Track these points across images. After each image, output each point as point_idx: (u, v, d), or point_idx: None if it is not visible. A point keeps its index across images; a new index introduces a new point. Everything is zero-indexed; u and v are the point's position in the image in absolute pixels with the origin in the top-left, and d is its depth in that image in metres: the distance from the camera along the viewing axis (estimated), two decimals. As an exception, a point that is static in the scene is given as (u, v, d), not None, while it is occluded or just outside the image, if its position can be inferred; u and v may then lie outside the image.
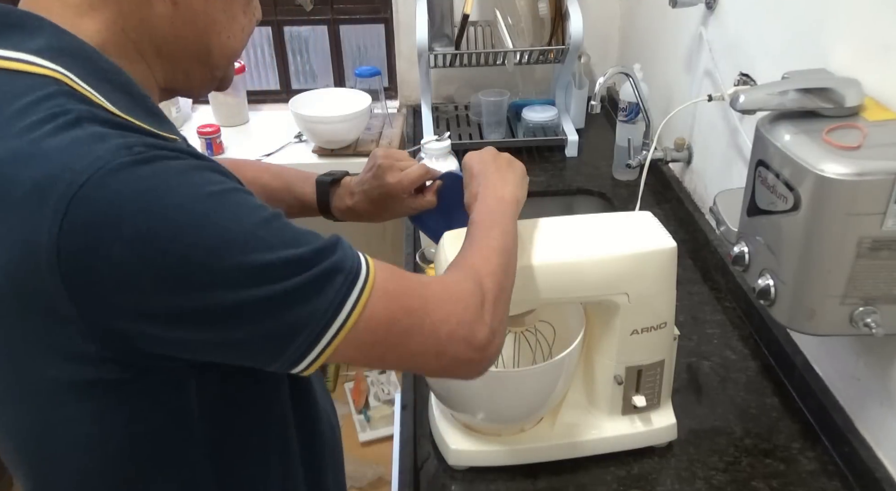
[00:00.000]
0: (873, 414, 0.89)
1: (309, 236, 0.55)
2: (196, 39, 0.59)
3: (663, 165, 1.57)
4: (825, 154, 0.71)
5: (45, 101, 0.49)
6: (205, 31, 0.60)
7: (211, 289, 0.49)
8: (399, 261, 2.10)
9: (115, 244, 0.46)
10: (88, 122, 0.49)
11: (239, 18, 0.62)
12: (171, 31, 0.58)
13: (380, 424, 2.24)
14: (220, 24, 0.60)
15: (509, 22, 1.73)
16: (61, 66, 0.51)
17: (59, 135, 0.48)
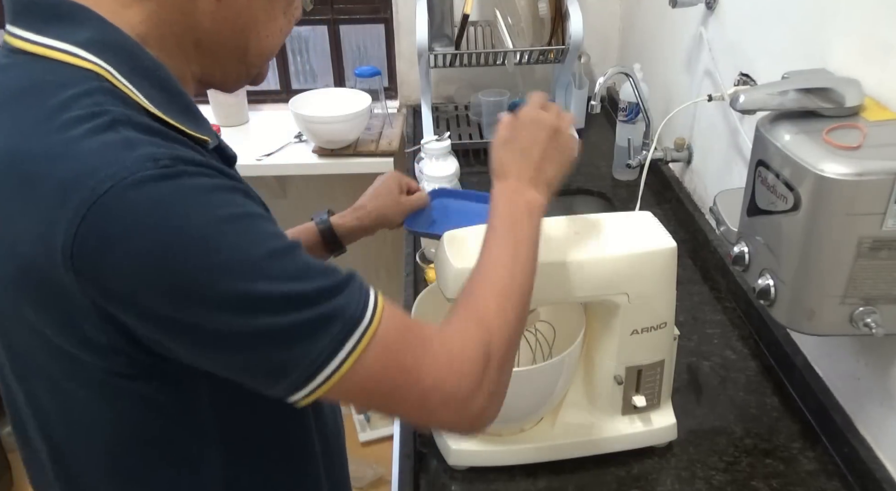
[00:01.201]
0: (873, 414, 0.89)
1: (319, 273, 0.54)
2: (235, 36, 0.61)
3: (663, 165, 1.57)
4: (825, 154, 0.71)
5: (85, 97, 0.51)
6: (244, 28, 0.61)
7: (207, 310, 0.50)
8: (399, 261, 2.10)
9: (124, 255, 0.48)
10: (123, 126, 0.50)
11: (278, 19, 0.63)
12: (211, 27, 0.59)
13: (380, 424, 2.24)
14: (260, 23, 0.61)
15: (509, 22, 1.73)
16: (104, 61, 0.53)
17: (92, 137, 0.49)
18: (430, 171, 1.39)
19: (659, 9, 1.62)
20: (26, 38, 0.54)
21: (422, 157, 1.43)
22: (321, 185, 2.14)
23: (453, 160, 1.42)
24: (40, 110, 0.51)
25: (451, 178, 1.41)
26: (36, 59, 0.53)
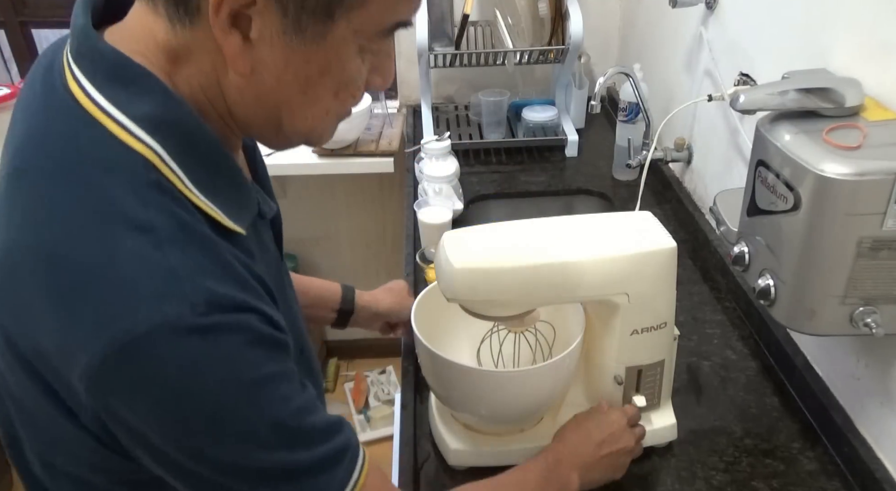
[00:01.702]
0: (873, 414, 0.89)
1: (319, 440, 0.57)
2: (265, 112, 0.57)
3: (663, 165, 1.57)
4: (825, 154, 0.71)
5: (132, 195, 0.50)
6: (275, 108, 0.57)
7: (210, 467, 0.53)
8: (399, 261, 2.10)
9: (142, 399, 0.50)
10: (168, 245, 0.49)
11: (324, 101, 0.57)
12: (240, 100, 0.56)
13: (380, 424, 2.24)
14: (295, 104, 0.57)
15: (509, 22, 1.73)
16: (157, 141, 0.52)
17: (137, 258, 0.48)
18: (430, 171, 1.39)
19: (659, 9, 1.62)
20: (84, 90, 0.52)
21: (422, 157, 1.43)
22: (321, 185, 2.14)
23: (453, 160, 1.42)
24: (86, 200, 0.49)
25: (451, 178, 1.41)
26: (87, 118, 0.52)
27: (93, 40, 0.53)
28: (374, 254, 2.32)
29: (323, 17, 0.51)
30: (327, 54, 0.53)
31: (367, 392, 2.36)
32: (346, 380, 2.45)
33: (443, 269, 0.81)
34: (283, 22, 0.51)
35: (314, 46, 0.52)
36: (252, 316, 0.52)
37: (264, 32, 0.51)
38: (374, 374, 2.44)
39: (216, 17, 0.49)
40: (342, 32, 0.53)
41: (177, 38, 0.53)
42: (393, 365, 2.45)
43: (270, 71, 0.53)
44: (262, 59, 0.52)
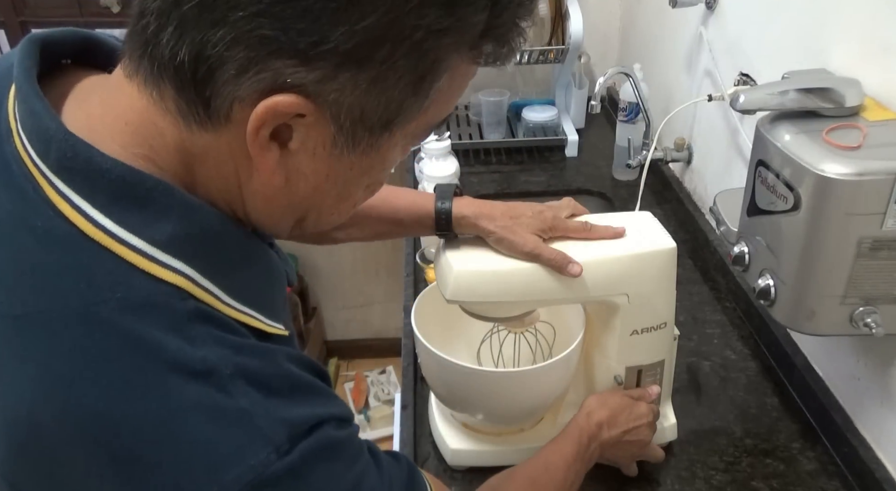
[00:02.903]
0: (873, 414, 0.89)
1: None
2: (291, 217, 0.51)
3: (663, 165, 1.57)
4: (825, 154, 0.71)
5: (175, 334, 0.42)
6: (304, 211, 0.51)
7: None
8: (399, 261, 2.10)
9: None
10: (234, 384, 0.43)
11: (354, 197, 0.52)
12: (264, 209, 0.49)
13: (380, 424, 2.24)
14: (325, 207, 0.51)
15: (509, 22, 1.73)
16: (186, 263, 0.44)
17: (207, 406, 0.42)
18: (430, 171, 1.39)
19: (659, 9, 1.61)
20: (82, 212, 0.42)
21: (422, 157, 1.43)
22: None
23: (453, 160, 1.42)
24: (124, 350, 0.41)
25: (451, 178, 1.41)
26: (94, 249, 0.42)
27: (83, 151, 0.43)
28: (374, 254, 2.32)
29: (380, 131, 0.46)
30: (373, 160, 0.48)
31: (367, 392, 2.36)
32: (346, 380, 2.45)
33: (442, 271, 0.81)
34: (335, 136, 0.45)
35: (362, 157, 0.47)
36: (329, 427, 0.47)
37: (307, 143, 0.45)
38: (374, 374, 2.44)
39: (255, 135, 0.43)
40: (395, 140, 0.48)
41: (193, 139, 0.45)
42: (393, 365, 2.45)
43: (308, 181, 0.47)
44: (299, 169, 0.46)
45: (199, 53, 0.41)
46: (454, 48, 0.44)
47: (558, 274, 0.80)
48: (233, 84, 0.41)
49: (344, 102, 0.43)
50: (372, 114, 0.44)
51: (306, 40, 0.40)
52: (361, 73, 0.42)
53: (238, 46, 0.40)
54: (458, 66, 0.46)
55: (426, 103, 0.46)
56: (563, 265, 0.79)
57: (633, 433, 0.85)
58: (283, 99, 0.41)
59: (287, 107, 0.42)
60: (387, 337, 2.49)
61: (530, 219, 0.81)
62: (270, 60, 0.40)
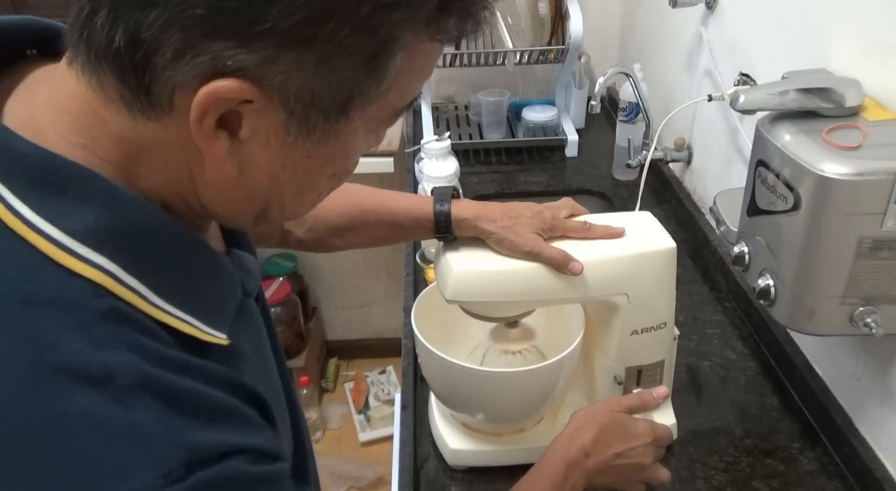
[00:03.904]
0: (873, 414, 0.89)
1: None
2: (251, 209, 0.49)
3: (663, 165, 1.57)
4: (825, 154, 0.71)
5: (78, 334, 0.39)
6: (265, 202, 0.48)
7: None
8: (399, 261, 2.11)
9: None
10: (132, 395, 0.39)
11: (318, 186, 0.49)
12: (220, 200, 0.47)
13: (380, 424, 2.24)
14: (287, 197, 0.48)
15: (509, 22, 1.73)
16: (108, 257, 0.41)
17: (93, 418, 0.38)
18: (430, 171, 1.39)
19: (659, 9, 1.61)
20: (4, 201, 0.40)
21: (422, 157, 1.43)
22: (321, 186, 2.14)
23: (453, 160, 1.42)
24: (20, 348, 0.38)
25: (451, 178, 1.41)
26: (11, 237, 0.40)
27: (2, 135, 0.41)
28: (374, 254, 2.32)
29: (336, 115, 0.43)
30: (334, 148, 0.46)
31: (367, 392, 2.36)
32: (346, 380, 2.45)
33: (442, 271, 0.81)
34: (287, 122, 0.42)
35: (320, 144, 0.44)
36: (239, 460, 0.42)
37: (258, 132, 0.42)
38: (374, 374, 2.44)
39: (200, 123, 0.40)
40: (355, 125, 0.45)
41: (139, 129, 0.42)
42: (393, 365, 2.45)
43: (263, 170, 0.45)
44: (252, 159, 0.44)
45: (133, 37, 0.38)
46: (407, 24, 0.41)
47: (558, 274, 0.80)
48: (171, 69, 0.39)
49: (292, 85, 0.40)
50: (324, 97, 0.42)
51: (243, 20, 0.37)
52: (307, 53, 0.39)
53: (172, 28, 0.38)
54: (415, 43, 0.43)
55: (384, 85, 0.43)
56: (563, 263, 0.79)
57: (628, 456, 0.77)
58: (224, 84, 0.39)
59: (229, 92, 0.39)
60: (387, 337, 2.49)
61: (529, 219, 0.81)
62: (207, 43, 0.38)
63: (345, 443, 2.23)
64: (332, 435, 2.26)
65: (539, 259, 0.79)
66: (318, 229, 0.85)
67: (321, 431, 2.25)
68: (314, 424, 2.21)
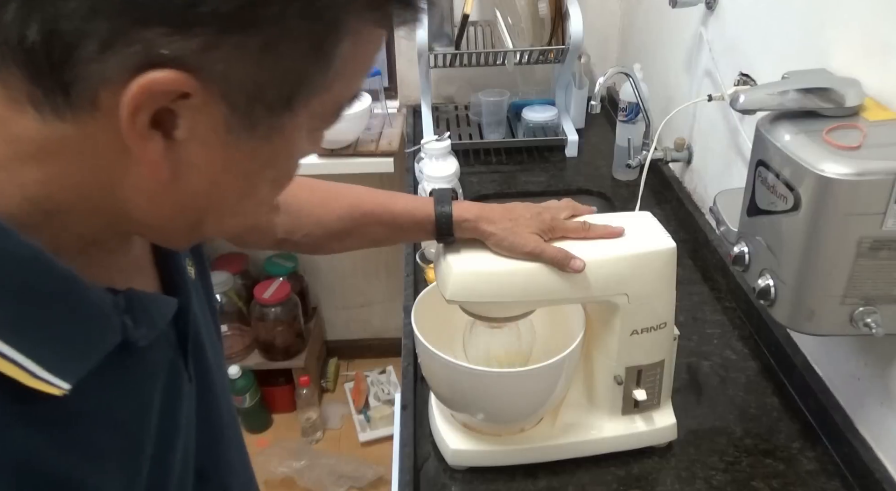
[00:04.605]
0: (873, 414, 0.89)
1: None
2: (185, 219, 0.44)
3: (663, 165, 1.57)
4: (825, 154, 0.71)
5: None
6: (201, 211, 0.43)
7: None
8: (399, 261, 2.11)
9: None
10: None
11: (259, 193, 0.45)
12: (149, 209, 0.41)
13: (380, 424, 2.24)
14: (227, 205, 0.44)
15: (509, 22, 1.73)
16: None
17: None
18: (430, 172, 1.39)
19: (659, 9, 1.61)
20: None
21: (422, 157, 1.43)
22: (321, 186, 2.14)
23: (453, 160, 1.42)
24: None
25: (451, 178, 1.41)
26: None
27: None
28: (375, 253, 2.32)
29: (280, 109, 0.40)
30: (277, 147, 0.42)
31: (367, 392, 2.36)
32: (346, 380, 2.45)
33: (442, 271, 0.81)
34: (228, 118, 0.38)
35: (264, 141, 0.41)
36: None
37: (197, 130, 0.38)
38: (374, 374, 2.44)
39: (132, 121, 0.36)
40: (299, 121, 0.42)
41: (44, 132, 0.37)
42: (393, 365, 2.45)
43: (202, 174, 0.40)
44: (190, 160, 0.39)
45: (51, 31, 0.34)
46: (352, 7, 0.39)
47: (558, 274, 0.80)
48: (96, 63, 0.35)
49: (234, 76, 0.37)
50: (269, 88, 0.38)
51: (178, 2, 0.34)
52: (249, 37, 0.36)
53: (98, 17, 0.34)
54: (360, 30, 0.40)
55: (330, 75, 0.40)
56: (565, 262, 0.79)
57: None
58: (159, 75, 0.35)
59: (166, 84, 0.35)
60: (387, 337, 2.49)
61: (529, 220, 0.81)
62: (138, 30, 0.34)
63: (345, 443, 2.23)
64: (332, 435, 2.27)
65: (540, 259, 0.79)
66: (317, 234, 0.84)
67: (321, 431, 2.25)
68: (314, 424, 2.21)
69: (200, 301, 0.59)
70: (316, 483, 2.02)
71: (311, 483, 2.03)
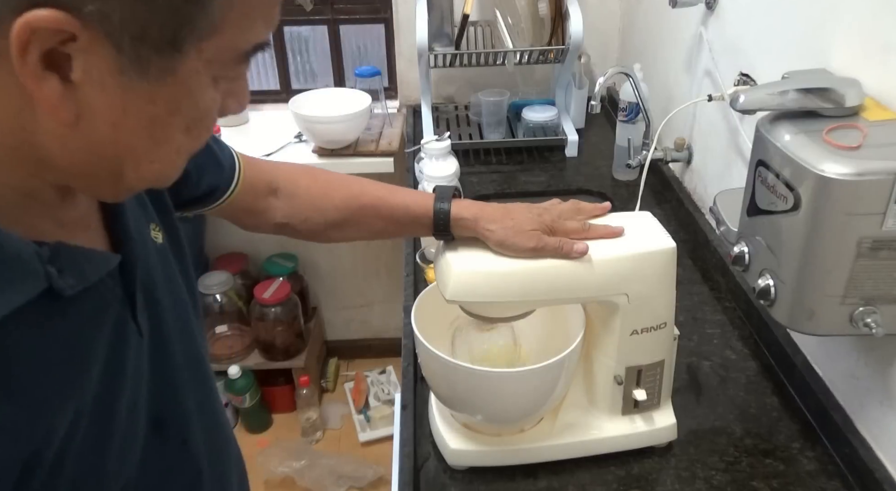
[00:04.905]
0: (873, 414, 0.89)
1: None
2: (102, 164, 0.45)
3: (663, 165, 1.57)
4: (825, 154, 0.71)
5: None
6: (115, 157, 0.45)
7: None
8: (399, 261, 2.11)
9: None
10: None
11: (174, 140, 0.47)
12: (63, 153, 0.44)
13: (380, 424, 2.24)
14: (140, 150, 0.46)
15: (509, 22, 1.73)
16: None
17: None
18: (430, 171, 1.39)
19: (659, 9, 1.62)
20: None
21: (422, 157, 1.43)
22: (321, 185, 2.14)
23: (453, 160, 1.42)
24: None
25: (451, 178, 1.41)
26: None
27: None
28: (374, 254, 2.32)
29: (169, 50, 0.41)
30: (176, 91, 0.44)
31: (367, 392, 2.36)
32: (346, 380, 2.45)
33: (442, 271, 0.81)
34: (118, 59, 0.40)
35: (159, 84, 0.42)
36: None
37: (91, 73, 0.40)
38: (374, 374, 2.43)
39: (23, 60, 0.38)
40: (193, 64, 0.43)
41: None
42: (393, 365, 2.45)
43: (104, 117, 0.42)
44: (90, 103, 0.41)
45: None
46: None
47: (558, 274, 0.80)
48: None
49: (113, 16, 0.38)
50: (151, 29, 0.40)
51: None
52: None
53: None
54: None
55: (215, 18, 0.42)
56: (567, 250, 0.79)
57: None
58: (39, 13, 0.37)
59: (46, 22, 0.37)
60: (387, 337, 2.49)
61: (530, 220, 0.81)
62: None
63: (345, 443, 2.23)
64: (332, 435, 2.27)
65: (543, 253, 0.80)
66: (316, 221, 0.85)
67: (321, 431, 2.25)
68: (314, 424, 2.21)
69: (166, 264, 0.62)
70: (316, 483, 2.02)
71: (311, 483, 2.03)
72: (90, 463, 0.49)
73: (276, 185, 0.85)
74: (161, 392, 0.58)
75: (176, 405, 0.61)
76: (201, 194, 0.77)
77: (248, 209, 0.83)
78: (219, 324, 2.16)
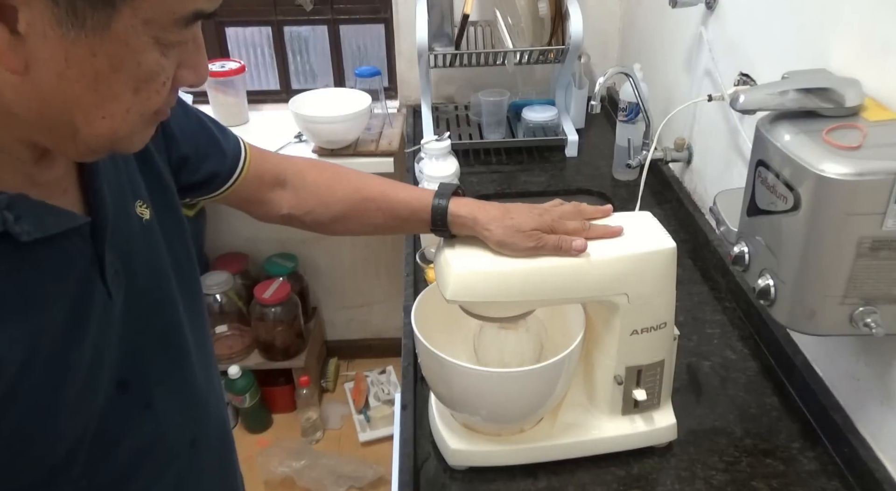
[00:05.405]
0: (873, 414, 0.89)
1: None
2: (54, 116, 0.49)
3: (663, 165, 1.57)
4: (825, 154, 0.71)
5: None
6: (64, 108, 0.49)
7: None
8: (399, 261, 2.11)
9: None
10: None
11: (123, 98, 0.50)
12: (19, 101, 0.48)
13: (380, 424, 2.24)
14: (87, 103, 0.49)
15: (509, 22, 1.73)
16: None
17: None
18: (430, 171, 1.39)
19: (659, 9, 1.62)
20: None
21: (422, 157, 1.43)
22: (321, 185, 2.14)
23: (453, 160, 1.42)
24: None
25: (451, 178, 1.41)
26: None
27: None
28: (375, 254, 2.32)
29: (102, 4, 0.45)
30: (116, 47, 0.47)
31: (367, 392, 2.36)
32: (346, 380, 2.45)
33: (442, 271, 0.81)
34: (56, 12, 0.44)
35: (98, 38, 0.46)
36: None
37: (35, 25, 0.44)
38: (374, 374, 2.43)
39: None
40: (128, 21, 0.46)
41: None
42: (393, 365, 2.45)
43: (49, 67, 0.46)
44: (37, 54, 0.45)
45: None
46: None
47: (558, 274, 0.80)
48: None
49: None
50: None
51: None
52: None
53: None
54: None
55: None
56: (567, 247, 0.80)
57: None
58: None
59: None
60: (387, 337, 2.49)
61: (529, 221, 0.81)
62: None
63: (345, 443, 2.23)
64: (332, 435, 2.27)
65: (542, 251, 0.80)
66: (320, 213, 0.88)
67: (321, 431, 2.25)
68: (314, 424, 2.21)
69: (151, 241, 0.66)
70: (316, 483, 2.02)
71: (311, 483, 2.03)
72: (42, 407, 0.53)
73: (284, 177, 0.87)
74: (129, 356, 0.62)
75: (141, 370, 0.64)
76: (202, 180, 0.79)
77: (254, 199, 0.86)
78: (219, 324, 2.16)
